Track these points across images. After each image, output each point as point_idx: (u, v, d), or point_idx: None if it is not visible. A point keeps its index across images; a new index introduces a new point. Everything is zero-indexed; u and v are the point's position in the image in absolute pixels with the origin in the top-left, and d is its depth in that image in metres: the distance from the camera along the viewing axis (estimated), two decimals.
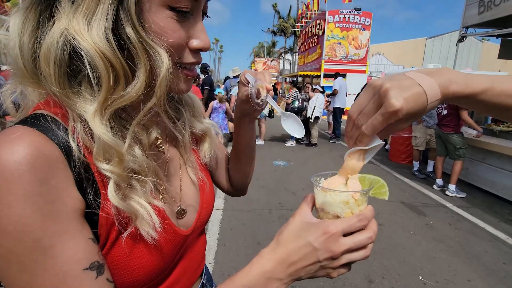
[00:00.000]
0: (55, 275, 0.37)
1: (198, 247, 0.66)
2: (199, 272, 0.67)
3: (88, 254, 0.40)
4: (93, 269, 0.40)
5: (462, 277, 2.61)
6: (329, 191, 0.47)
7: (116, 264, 0.45)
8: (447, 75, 0.44)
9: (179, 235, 0.54)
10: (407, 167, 6.04)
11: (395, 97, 0.40)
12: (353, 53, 15.44)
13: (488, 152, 4.64)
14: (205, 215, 0.64)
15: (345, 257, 0.45)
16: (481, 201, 4.45)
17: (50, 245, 0.36)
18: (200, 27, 0.49)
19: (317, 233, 0.44)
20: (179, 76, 0.49)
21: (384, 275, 2.60)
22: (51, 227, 0.37)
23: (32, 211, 0.35)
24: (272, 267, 0.45)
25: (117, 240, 0.45)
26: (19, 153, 0.35)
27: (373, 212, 0.47)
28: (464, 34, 6.34)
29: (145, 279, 0.49)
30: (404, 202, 4.28)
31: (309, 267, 0.45)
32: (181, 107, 0.64)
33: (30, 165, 0.35)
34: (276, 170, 5.59)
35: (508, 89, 0.45)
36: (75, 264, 0.38)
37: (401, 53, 30.17)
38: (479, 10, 5.73)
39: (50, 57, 0.40)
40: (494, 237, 3.39)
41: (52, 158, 0.38)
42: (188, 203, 0.60)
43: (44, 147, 0.37)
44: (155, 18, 0.42)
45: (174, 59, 0.46)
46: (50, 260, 0.36)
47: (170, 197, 0.56)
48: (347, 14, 15.08)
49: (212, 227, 3.34)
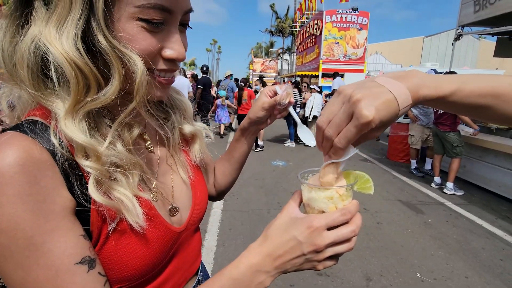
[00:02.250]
0: (48, 270, 0.39)
1: (193, 244, 0.67)
2: (195, 268, 0.69)
3: (79, 250, 0.42)
4: (85, 264, 0.42)
5: (459, 274, 2.63)
6: (314, 187, 0.49)
7: (109, 259, 0.47)
8: (416, 79, 0.44)
9: (171, 232, 0.56)
10: (405, 165, 6.07)
11: (367, 107, 0.40)
12: (351, 53, 15.48)
13: (485, 150, 4.67)
14: (198, 212, 0.66)
15: (330, 250, 0.46)
16: (478, 199, 4.48)
17: (42, 242, 0.39)
18: (175, 38, 0.49)
19: (302, 227, 0.46)
20: (153, 83, 0.50)
21: (382, 272, 2.62)
22: (43, 225, 0.39)
23: (23, 210, 0.38)
24: (259, 261, 0.47)
25: (109, 236, 0.47)
26: (10, 157, 0.38)
27: (357, 206, 0.49)
28: (460, 33, 6.37)
29: (139, 274, 0.51)
30: (402, 200, 4.30)
31: (295, 260, 0.47)
32: (170, 110, 0.67)
33: (20, 167, 0.38)
34: (275, 170, 5.60)
35: (476, 89, 0.45)
36: (66, 259, 0.40)
37: (399, 52, 30.25)
38: (474, 9, 5.76)
39: (23, 62, 0.42)
40: (491, 234, 3.42)
41: (41, 160, 0.40)
42: (180, 201, 0.62)
43: (33, 150, 0.40)
44: (125, 28, 0.44)
45: (146, 66, 0.47)
46: (42, 256, 0.39)
47: (161, 195, 0.58)
48: (345, 14, 15.11)
49: (212, 227, 3.36)
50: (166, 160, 0.64)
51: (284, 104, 0.67)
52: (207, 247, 2.95)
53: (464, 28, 6.35)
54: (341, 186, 0.49)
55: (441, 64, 11.38)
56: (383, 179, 5.28)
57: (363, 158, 6.71)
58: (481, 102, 0.46)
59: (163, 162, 0.63)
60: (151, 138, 0.62)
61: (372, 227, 3.47)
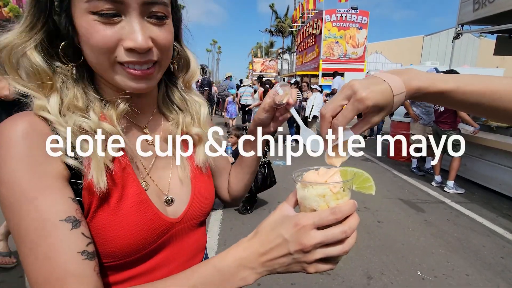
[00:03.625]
0: (36, 221, 0.45)
1: (193, 238, 0.68)
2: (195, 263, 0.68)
3: (65, 209, 0.47)
4: (69, 222, 0.46)
5: (460, 272, 2.64)
6: (307, 184, 0.48)
7: (96, 232, 0.51)
8: (411, 74, 0.50)
9: (161, 220, 0.59)
10: (406, 164, 6.07)
11: (362, 88, 0.46)
12: (351, 52, 15.49)
13: (485, 148, 4.66)
14: (197, 208, 0.67)
15: (319, 251, 0.44)
16: (479, 197, 4.48)
17: (34, 197, 0.45)
18: (133, 28, 0.49)
19: (289, 225, 0.45)
20: (123, 73, 0.52)
21: (383, 271, 2.63)
22: (37, 182, 0.46)
23: (22, 168, 0.45)
24: (245, 256, 0.47)
25: (97, 211, 0.51)
26: (18, 126, 0.47)
27: (352, 206, 0.45)
28: (459, 31, 6.36)
29: (121, 252, 0.53)
30: (403, 199, 4.30)
31: (282, 259, 0.45)
32: (179, 112, 0.69)
33: (25, 134, 0.46)
34: (276, 170, 5.60)
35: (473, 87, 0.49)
36: (52, 214, 0.46)
37: (399, 51, 30.21)
38: (474, 7, 5.75)
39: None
40: (492, 231, 3.42)
41: (43, 132, 0.48)
42: (177, 193, 0.65)
43: (38, 124, 0.49)
44: (81, 23, 0.49)
45: (110, 57, 0.50)
46: (32, 208, 0.45)
47: (156, 186, 0.62)
48: (344, 13, 15.13)
49: (213, 226, 3.38)
50: (166, 156, 0.66)
51: (281, 104, 0.62)
52: (208, 246, 2.94)
53: (464, 26, 6.35)
54: (334, 182, 0.47)
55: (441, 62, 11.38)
56: (384, 178, 5.29)
57: (364, 158, 6.71)
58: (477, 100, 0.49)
59: (164, 157, 0.65)
60: (154, 134, 0.65)
61: (373, 226, 3.47)
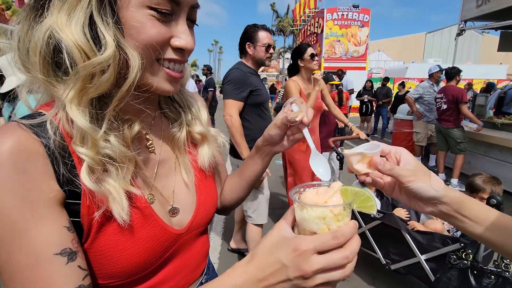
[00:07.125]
0: (29, 256, 0.40)
1: (197, 247, 0.66)
2: (199, 272, 0.67)
3: (60, 241, 0.43)
4: (64, 255, 0.43)
5: None
6: (305, 206, 0.44)
7: (99, 254, 0.48)
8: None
9: (168, 233, 0.56)
10: None
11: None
12: (353, 50, 15.44)
13: (490, 145, 4.64)
14: (202, 216, 0.64)
15: (320, 276, 0.41)
16: None
17: (25, 228, 0.40)
18: (183, 28, 0.51)
19: (288, 249, 0.41)
20: (159, 74, 0.51)
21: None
22: (27, 212, 0.41)
23: (10, 196, 0.40)
24: (242, 282, 0.44)
25: (101, 231, 0.47)
26: (4, 145, 0.40)
27: (353, 228, 0.43)
28: (462, 28, 6.31)
29: (129, 272, 0.51)
30: None
31: (281, 285, 0.42)
32: (182, 110, 0.66)
33: (9, 156, 0.40)
34: (279, 170, 5.56)
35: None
36: (46, 248, 0.41)
37: (401, 49, 30.11)
38: (477, 3, 5.70)
39: (37, 49, 0.45)
40: None
41: (33, 151, 0.42)
42: (182, 202, 0.61)
43: (26, 141, 0.42)
44: (135, 15, 0.45)
45: (154, 54, 0.49)
46: (24, 242, 0.40)
47: (160, 195, 0.58)
48: (345, 11, 15.08)
49: (216, 227, 3.38)
50: (170, 161, 0.63)
51: (295, 121, 0.59)
52: (212, 246, 2.96)
53: (467, 23, 6.29)
54: (336, 205, 0.44)
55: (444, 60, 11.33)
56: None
57: None
58: None
59: (166, 163, 0.62)
60: (155, 138, 0.61)
61: None
